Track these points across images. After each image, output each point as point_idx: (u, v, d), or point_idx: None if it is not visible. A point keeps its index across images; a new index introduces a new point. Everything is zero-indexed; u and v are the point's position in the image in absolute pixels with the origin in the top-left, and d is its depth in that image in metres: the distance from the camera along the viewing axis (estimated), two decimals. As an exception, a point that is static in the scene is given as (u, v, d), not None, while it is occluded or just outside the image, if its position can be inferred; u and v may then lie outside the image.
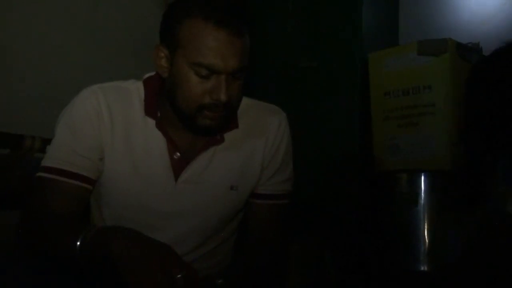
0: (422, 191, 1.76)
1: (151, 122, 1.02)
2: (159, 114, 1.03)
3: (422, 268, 1.72)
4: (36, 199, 0.99)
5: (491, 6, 2.06)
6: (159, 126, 1.02)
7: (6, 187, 1.23)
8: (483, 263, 1.16)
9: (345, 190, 1.96)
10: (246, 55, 0.97)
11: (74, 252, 0.84)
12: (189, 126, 1.01)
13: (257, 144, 1.09)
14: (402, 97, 1.83)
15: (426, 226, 1.74)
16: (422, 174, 1.76)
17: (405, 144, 1.82)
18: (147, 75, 1.07)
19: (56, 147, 1.01)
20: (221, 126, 1.01)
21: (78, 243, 0.84)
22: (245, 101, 1.09)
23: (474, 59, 1.85)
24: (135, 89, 1.05)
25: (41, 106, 1.70)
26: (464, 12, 2.12)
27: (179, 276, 0.75)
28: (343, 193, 1.96)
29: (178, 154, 1.03)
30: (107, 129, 1.01)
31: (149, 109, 1.03)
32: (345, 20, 2.04)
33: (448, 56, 1.74)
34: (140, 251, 0.78)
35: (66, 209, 0.97)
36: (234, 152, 1.07)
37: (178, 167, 1.03)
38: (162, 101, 1.03)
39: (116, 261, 0.78)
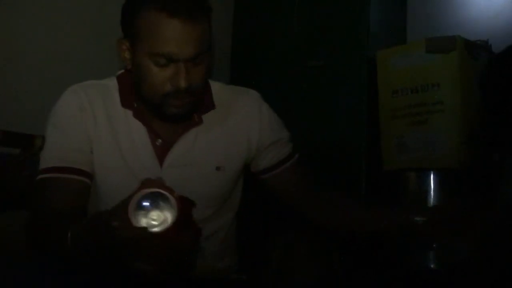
0: (431, 190, 1.75)
1: (129, 112, 1.05)
2: (135, 105, 1.05)
3: (431, 266, 1.72)
4: (37, 200, 1.01)
5: (500, 3, 2.05)
6: (136, 115, 1.05)
7: (16, 187, 1.24)
8: (493, 262, 1.15)
9: (353, 189, 1.95)
10: (203, 41, 0.98)
11: (67, 245, 0.85)
12: (157, 114, 1.03)
13: (239, 125, 1.12)
14: (410, 95, 1.82)
15: (435, 225, 1.73)
16: (431, 172, 1.76)
17: (413, 143, 1.82)
18: (121, 71, 1.10)
19: (48, 149, 1.04)
20: (189, 112, 1.03)
21: (69, 236, 0.85)
22: (215, 84, 1.13)
23: (482, 57, 1.84)
24: (113, 84, 1.08)
25: (51, 106, 1.71)
26: (472, 9, 2.11)
27: (114, 224, 0.72)
28: (351, 192, 1.95)
29: (160, 140, 1.06)
30: (91, 123, 1.04)
31: (125, 101, 1.06)
32: (352, 18, 2.04)
33: (457, 54, 1.73)
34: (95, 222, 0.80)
35: (66, 204, 0.99)
36: (216, 133, 1.09)
37: (161, 153, 1.06)
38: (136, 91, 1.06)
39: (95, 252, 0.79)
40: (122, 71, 1.09)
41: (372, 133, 1.95)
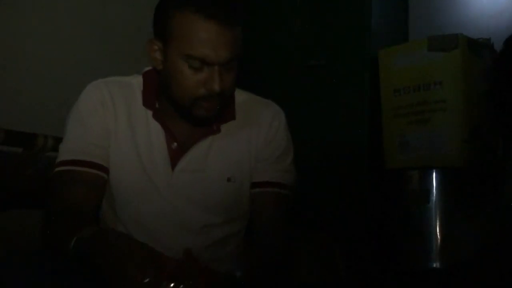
0: (434, 188, 1.75)
1: (150, 113, 1.05)
2: (157, 105, 1.05)
3: (434, 265, 1.71)
4: (54, 194, 1.01)
5: (502, 1, 2.05)
6: (156, 116, 1.05)
7: (18, 186, 1.24)
8: (496, 261, 1.15)
9: (355, 188, 1.95)
10: (238, 45, 0.98)
11: (68, 253, 0.86)
12: (185, 116, 1.03)
13: (252, 137, 1.11)
14: (412, 94, 1.82)
15: (437, 223, 1.73)
16: (433, 171, 1.75)
17: (415, 141, 1.82)
18: (146, 69, 1.10)
19: (67, 141, 1.04)
20: (217, 116, 1.03)
21: (72, 244, 0.85)
22: (241, 94, 1.12)
23: (485, 55, 1.83)
24: (136, 82, 1.08)
25: (53, 105, 1.71)
26: (474, 7, 2.10)
27: (146, 281, 0.76)
28: (353, 191, 1.95)
29: (176, 144, 1.06)
30: (112, 119, 1.04)
31: (147, 101, 1.06)
32: (353, 17, 2.04)
33: (459, 52, 1.73)
34: (119, 253, 0.80)
35: (83, 198, 0.99)
36: (230, 144, 1.09)
37: (175, 157, 1.06)
38: (161, 92, 1.06)
39: (103, 269, 0.80)
40: (149, 68, 1.08)
41: (374, 132, 1.95)
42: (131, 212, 1.04)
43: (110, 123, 1.04)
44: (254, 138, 1.11)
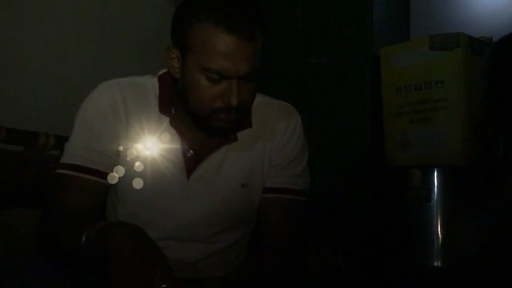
0: (435, 187, 1.75)
1: (166, 119, 1.03)
2: (173, 111, 1.03)
3: (435, 264, 1.72)
4: (54, 196, 1.00)
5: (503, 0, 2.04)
6: (173, 123, 1.02)
7: (20, 185, 1.24)
8: (497, 259, 1.15)
9: (357, 186, 1.95)
10: (257, 58, 0.96)
11: (80, 248, 0.84)
12: (202, 127, 1.01)
13: (266, 143, 1.09)
14: (414, 92, 1.82)
15: (438, 222, 1.73)
16: (435, 169, 1.75)
17: (417, 140, 1.81)
18: (162, 71, 1.07)
19: (73, 143, 1.02)
20: (234, 128, 1.02)
21: (83, 238, 0.84)
22: (260, 99, 1.09)
23: (486, 53, 1.83)
24: (151, 85, 1.05)
25: (55, 104, 1.72)
26: (476, 5, 2.10)
27: (163, 286, 0.75)
28: (354, 189, 1.95)
29: (192, 152, 1.03)
30: (122, 124, 1.01)
31: (164, 107, 1.03)
32: (355, 15, 2.03)
33: (461, 51, 1.73)
34: (135, 249, 0.77)
35: (84, 205, 0.98)
36: (246, 151, 1.07)
37: (190, 165, 1.04)
38: (176, 98, 1.03)
39: (112, 255, 0.77)
40: (165, 70, 1.05)
41: (376, 130, 1.94)
42: (136, 219, 0.99)
43: (120, 128, 1.01)
44: (269, 144, 1.09)
